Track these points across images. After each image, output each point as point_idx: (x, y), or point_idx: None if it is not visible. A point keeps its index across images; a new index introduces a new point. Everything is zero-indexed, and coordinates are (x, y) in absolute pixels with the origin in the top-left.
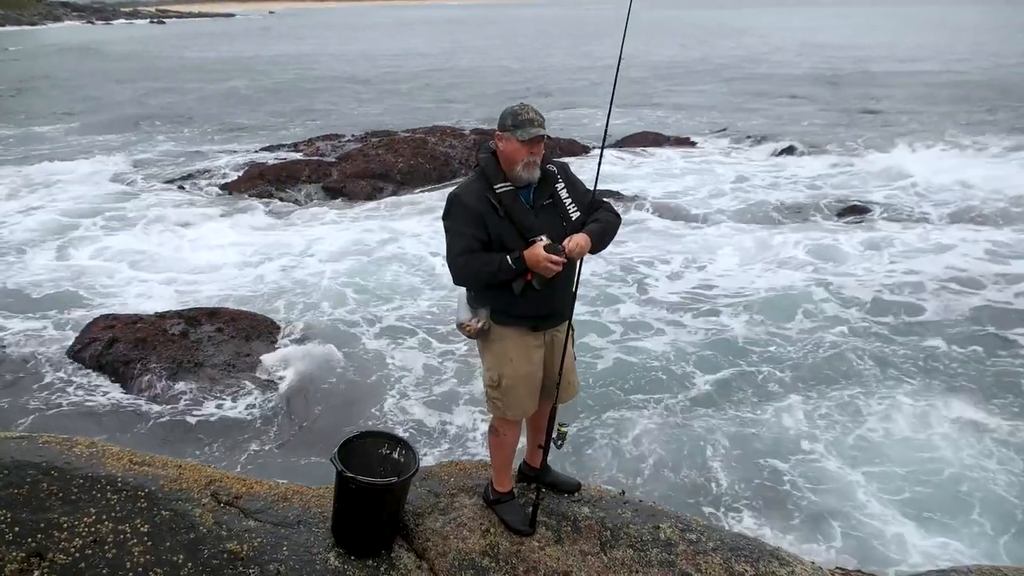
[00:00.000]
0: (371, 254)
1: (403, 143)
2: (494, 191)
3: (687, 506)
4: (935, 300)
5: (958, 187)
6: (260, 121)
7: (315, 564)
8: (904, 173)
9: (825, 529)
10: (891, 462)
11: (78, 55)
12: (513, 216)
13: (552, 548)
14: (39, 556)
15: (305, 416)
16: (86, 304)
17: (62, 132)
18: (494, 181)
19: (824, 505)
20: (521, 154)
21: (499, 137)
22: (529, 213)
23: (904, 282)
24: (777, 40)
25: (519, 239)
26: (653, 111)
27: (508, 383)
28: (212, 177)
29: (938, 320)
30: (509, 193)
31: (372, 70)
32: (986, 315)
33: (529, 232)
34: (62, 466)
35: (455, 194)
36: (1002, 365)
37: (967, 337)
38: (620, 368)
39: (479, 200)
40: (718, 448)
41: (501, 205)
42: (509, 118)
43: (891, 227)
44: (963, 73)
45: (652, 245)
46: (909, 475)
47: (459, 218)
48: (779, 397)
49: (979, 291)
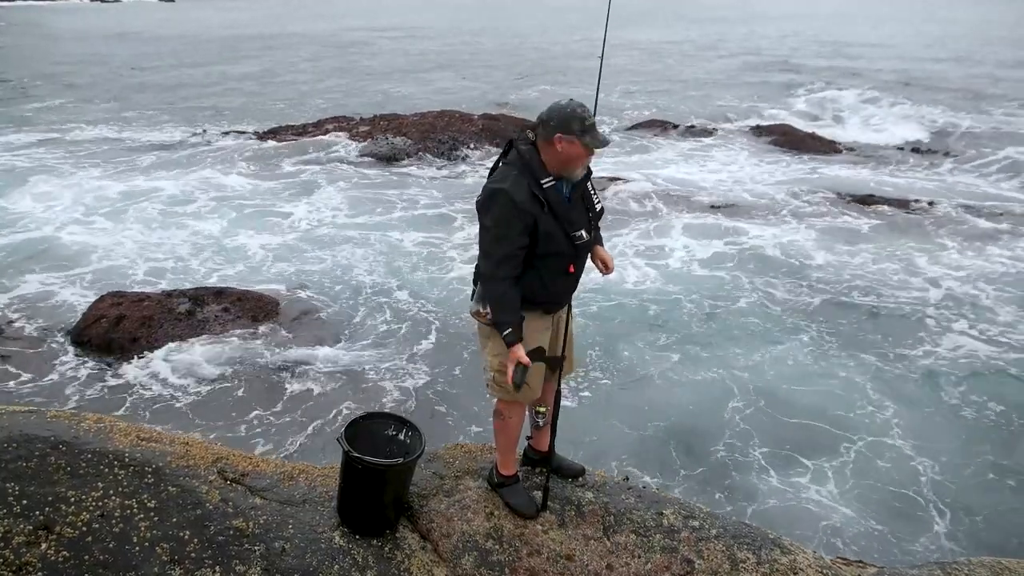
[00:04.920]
0: (382, 233)
1: (412, 126)
2: (541, 187)
3: (690, 491)
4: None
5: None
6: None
7: (320, 543)
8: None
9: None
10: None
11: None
12: (557, 211)
13: (555, 532)
14: (46, 529)
15: (310, 396)
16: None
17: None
18: (540, 176)
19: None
20: (583, 159)
21: (559, 140)
22: (571, 208)
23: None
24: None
25: (562, 235)
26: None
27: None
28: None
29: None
30: (553, 189)
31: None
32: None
33: (571, 227)
34: (70, 441)
35: (501, 189)
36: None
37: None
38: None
39: (529, 197)
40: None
41: (547, 201)
42: (576, 123)
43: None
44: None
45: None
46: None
47: (505, 217)
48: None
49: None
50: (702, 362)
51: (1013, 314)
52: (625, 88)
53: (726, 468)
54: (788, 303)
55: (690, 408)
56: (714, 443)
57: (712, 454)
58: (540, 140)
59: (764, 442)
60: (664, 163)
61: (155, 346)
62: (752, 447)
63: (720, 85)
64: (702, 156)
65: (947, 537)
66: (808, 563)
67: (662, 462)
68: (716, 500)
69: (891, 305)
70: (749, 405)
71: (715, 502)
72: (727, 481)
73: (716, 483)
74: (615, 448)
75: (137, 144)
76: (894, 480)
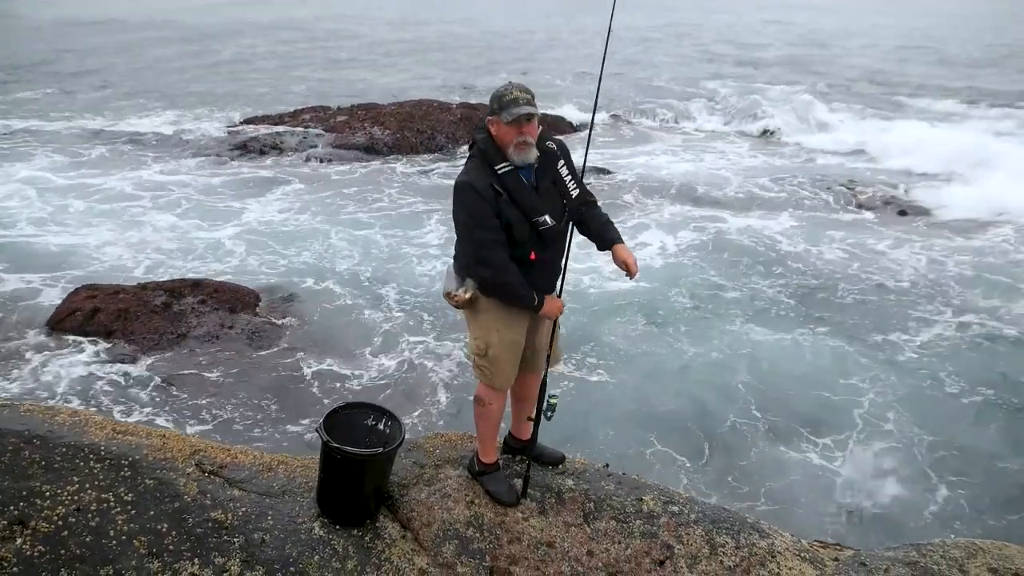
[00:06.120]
0: (357, 224)
1: (389, 116)
2: (496, 173)
3: (669, 478)
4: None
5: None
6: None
7: (300, 533)
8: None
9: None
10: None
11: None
12: (515, 197)
13: (536, 519)
14: (22, 524)
15: (289, 387)
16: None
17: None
18: (495, 162)
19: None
20: (510, 136)
21: (491, 123)
22: (531, 194)
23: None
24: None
25: (524, 221)
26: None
27: (494, 352)
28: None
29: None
30: (511, 174)
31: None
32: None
33: (533, 213)
34: (44, 434)
35: (463, 181)
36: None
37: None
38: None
39: (487, 186)
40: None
41: (504, 189)
42: (495, 101)
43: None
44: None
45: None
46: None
47: (476, 206)
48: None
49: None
50: (689, 347)
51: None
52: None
53: (721, 453)
54: (764, 291)
55: (683, 393)
56: (706, 429)
57: (705, 439)
58: (489, 128)
59: (758, 426)
60: (632, 154)
61: (131, 339)
62: (747, 431)
63: (666, 73)
64: (648, 145)
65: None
66: (786, 546)
67: (670, 444)
68: (710, 482)
69: (874, 289)
70: (742, 389)
71: (710, 483)
72: (724, 466)
73: (713, 469)
74: (606, 438)
75: (109, 135)
76: (891, 459)
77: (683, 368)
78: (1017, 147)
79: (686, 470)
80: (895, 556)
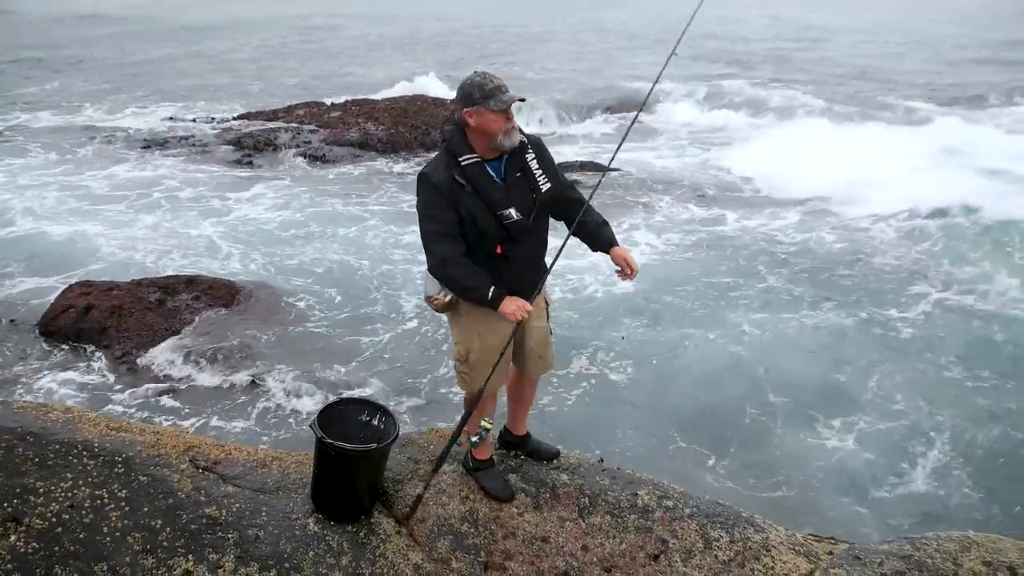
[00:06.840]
0: (346, 220)
1: (383, 112)
2: (459, 166)
3: (665, 472)
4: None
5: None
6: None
7: (294, 529)
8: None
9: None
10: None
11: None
12: (480, 190)
13: (531, 514)
14: (15, 521)
15: (283, 383)
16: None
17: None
18: (459, 154)
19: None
20: (499, 124)
21: (469, 114)
22: (497, 187)
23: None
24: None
25: (488, 214)
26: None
27: (475, 357)
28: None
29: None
30: (475, 166)
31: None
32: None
33: (497, 206)
34: (38, 431)
35: (422, 173)
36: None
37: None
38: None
39: (447, 178)
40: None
41: (468, 180)
42: (476, 91)
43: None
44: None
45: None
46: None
47: (429, 198)
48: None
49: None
50: (696, 341)
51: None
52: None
53: (742, 446)
54: (767, 281)
55: (698, 388)
56: (725, 422)
57: (725, 432)
58: (462, 122)
59: (776, 415)
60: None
61: (124, 336)
62: (747, 425)
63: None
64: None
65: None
66: (780, 540)
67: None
68: (734, 473)
69: (872, 272)
70: (758, 380)
71: (734, 476)
72: (747, 459)
73: (737, 463)
74: (625, 436)
75: (101, 131)
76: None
77: (693, 363)
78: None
79: (708, 467)
80: (889, 549)
